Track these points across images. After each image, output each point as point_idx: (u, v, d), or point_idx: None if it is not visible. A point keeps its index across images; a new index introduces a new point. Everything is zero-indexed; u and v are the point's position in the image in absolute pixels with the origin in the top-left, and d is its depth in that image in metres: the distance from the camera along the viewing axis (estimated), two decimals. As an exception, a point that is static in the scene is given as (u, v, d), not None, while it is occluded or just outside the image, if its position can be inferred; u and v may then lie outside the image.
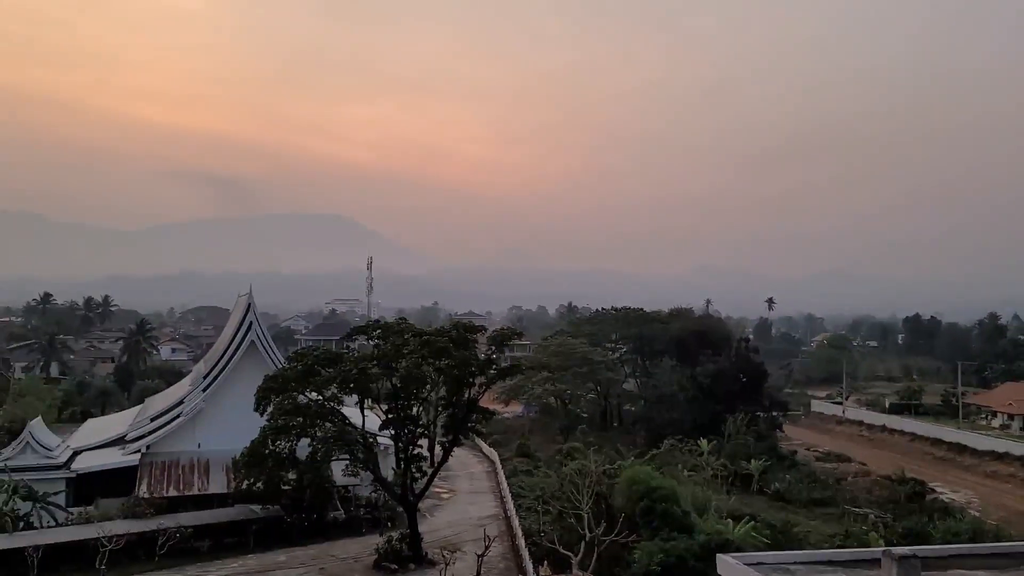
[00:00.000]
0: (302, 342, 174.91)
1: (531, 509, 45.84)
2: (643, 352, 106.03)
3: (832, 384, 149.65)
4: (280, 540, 44.51)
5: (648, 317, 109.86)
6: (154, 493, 46.61)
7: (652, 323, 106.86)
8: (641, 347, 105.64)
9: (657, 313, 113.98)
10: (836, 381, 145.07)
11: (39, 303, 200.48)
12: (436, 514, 51.52)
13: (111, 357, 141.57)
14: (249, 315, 53.98)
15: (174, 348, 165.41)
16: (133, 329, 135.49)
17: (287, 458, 41.13)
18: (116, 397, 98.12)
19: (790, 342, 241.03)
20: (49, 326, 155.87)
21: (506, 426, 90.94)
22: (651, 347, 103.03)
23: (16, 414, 67.95)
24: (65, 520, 44.85)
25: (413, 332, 43.97)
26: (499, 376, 45.97)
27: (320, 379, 41.20)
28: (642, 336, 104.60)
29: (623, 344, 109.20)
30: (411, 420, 42.63)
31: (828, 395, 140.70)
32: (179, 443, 51.11)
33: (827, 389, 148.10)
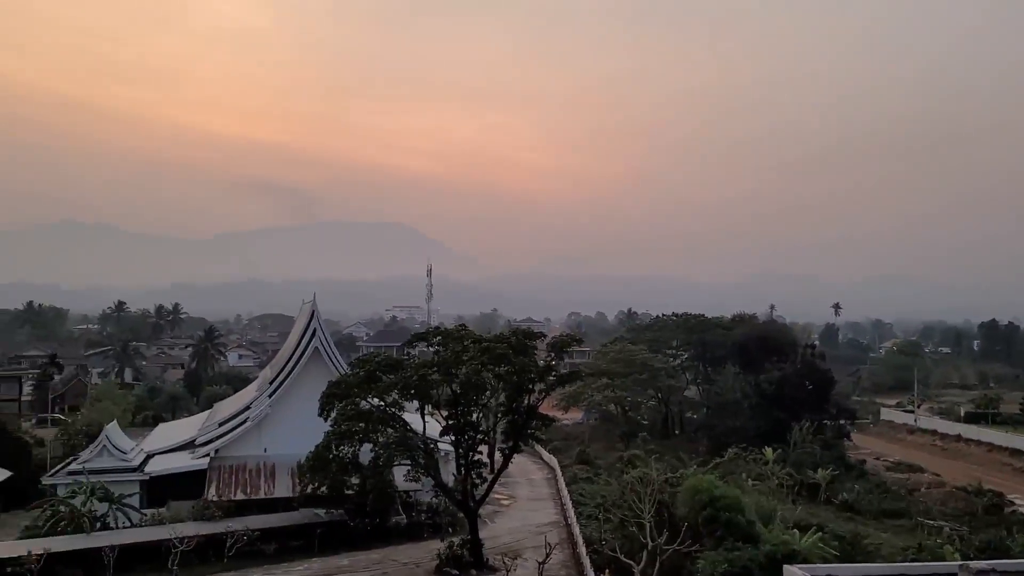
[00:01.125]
0: (364, 348, 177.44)
1: (592, 517, 45.51)
2: (705, 359, 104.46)
3: (902, 392, 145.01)
4: (344, 544, 45.14)
5: (710, 323, 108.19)
6: (222, 496, 47.77)
7: (714, 329, 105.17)
8: (703, 353, 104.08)
9: (719, 319, 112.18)
10: (907, 388, 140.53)
11: (114, 311, 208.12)
12: (497, 520, 51.59)
13: (181, 363, 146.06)
14: (313, 322, 54.97)
15: (241, 354, 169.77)
16: (202, 336, 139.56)
17: (350, 463, 41.68)
18: (186, 402, 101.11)
19: (858, 348, 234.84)
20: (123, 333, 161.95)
21: (565, 433, 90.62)
22: (713, 354, 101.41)
23: (93, 418, 70.49)
24: (139, 521, 46.31)
25: (473, 339, 44.14)
26: (558, 383, 45.79)
27: (382, 385, 41.69)
28: (704, 342, 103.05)
29: (684, 350, 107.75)
30: (471, 426, 42.79)
31: (898, 403, 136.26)
32: (246, 447, 52.31)
33: (897, 397, 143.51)
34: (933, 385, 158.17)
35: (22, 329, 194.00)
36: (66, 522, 43.44)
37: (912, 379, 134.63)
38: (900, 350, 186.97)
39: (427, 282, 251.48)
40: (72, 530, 43.01)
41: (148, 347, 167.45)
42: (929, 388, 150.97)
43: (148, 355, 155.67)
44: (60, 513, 44.05)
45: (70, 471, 49.99)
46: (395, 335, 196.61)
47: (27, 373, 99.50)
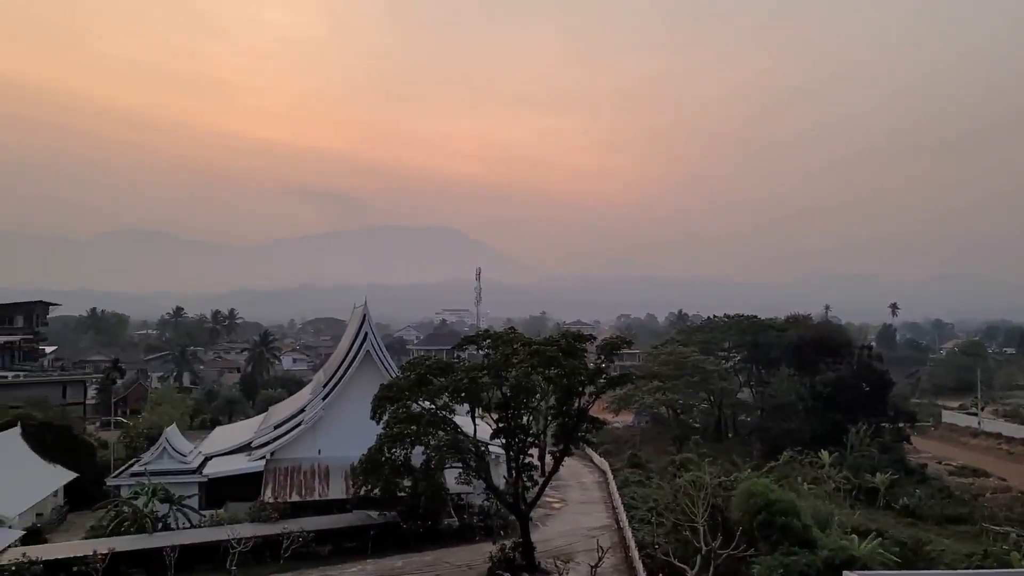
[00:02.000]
0: (414, 352, 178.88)
1: (644, 521, 45.14)
2: (758, 361, 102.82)
3: (965, 394, 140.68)
4: (397, 546, 45.53)
5: (762, 324, 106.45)
6: (278, 498, 48.60)
7: (767, 331, 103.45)
8: (756, 355, 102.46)
9: (772, 320, 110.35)
10: (969, 390, 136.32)
11: (172, 317, 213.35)
12: (548, 523, 51.50)
13: (237, 367, 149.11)
14: (364, 326, 55.65)
15: (295, 358, 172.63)
16: (257, 340, 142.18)
17: (402, 465, 42.03)
18: (242, 405, 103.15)
19: (917, 349, 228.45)
20: (181, 338, 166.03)
21: (616, 436, 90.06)
22: (766, 355, 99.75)
23: (154, 421, 72.40)
24: (198, 522, 47.40)
25: (522, 342, 44.13)
26: (609, 385, 45.51)
27: (432, 388, 41.97)
28: (757, 344, 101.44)
29: (736, 352, 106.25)
30: (521, 429, 42.79)
31: (961, 405, 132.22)
32: (301, 450, 53.17)
33: (959, 399, 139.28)
34: (997, 387, 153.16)
35: (86, 335, 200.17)
36: (129, 522, 44.67)
37: (975, 381, 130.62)
38: (962, 351, 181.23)
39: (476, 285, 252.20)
40: (135, 530, 44.20)
41: (205, 352, 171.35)
42: (993, 390, 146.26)
43: (205, 359, 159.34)
44: (123, 514, 45.32)
45: (132, 473, 51.41)
46: (445, 338, 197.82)
47: (91, 377, 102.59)
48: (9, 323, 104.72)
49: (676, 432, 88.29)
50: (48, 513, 52.43)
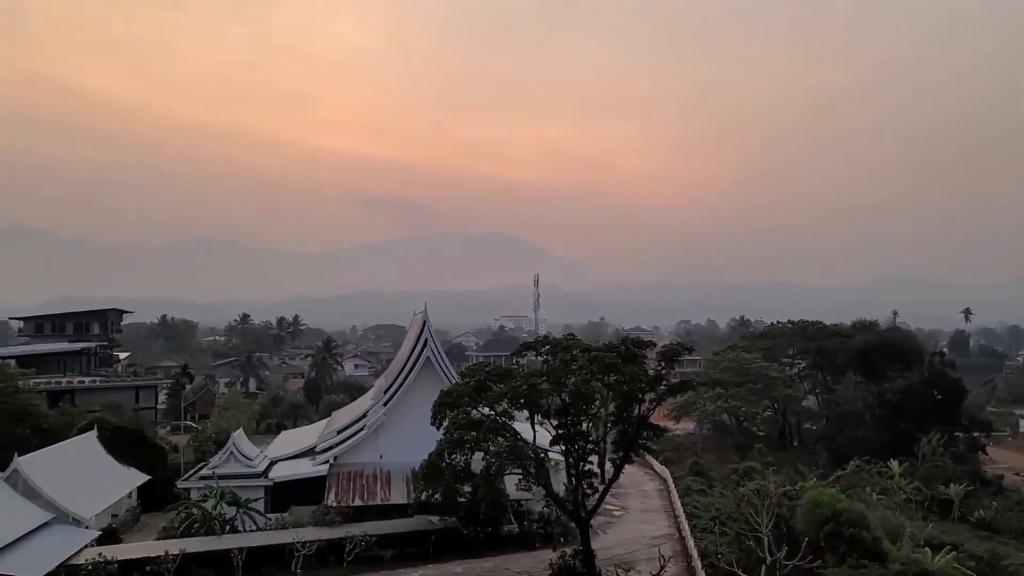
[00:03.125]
0: (473, 358, 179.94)
1: (707, 530, 44.51)
2: (823, 368, 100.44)
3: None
4: (457, 551, 45.78)
5: (828, 330, 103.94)
6: (341, 502, 49.38)
7: (833, 337, 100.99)
8: (821, 362, 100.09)
9: (837, 326, 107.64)
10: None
11: (239, 323, 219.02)
12: (608, 531, 51.13)
13: (301, 373, 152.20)
14: (424, 332, 56.22)
15: (357, 364, 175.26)
16: (320, 347, 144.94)
17: (462, 471, 42.20)
18: (306, 410, 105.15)
19: (992, 356, 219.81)
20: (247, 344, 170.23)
21: (677, 443, 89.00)
22: (832, 362, 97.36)
23: (221, 426, 74.28)
24: (264, 525, 48.46)
25: (581, 348, 43.96)
26: (669, 392, 45.02)
27: (492, 394, 42.08)
28: (822, 351, 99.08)
29: (801, 359, 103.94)
30: (581, 436, 42.57)
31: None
32: (363, 454, 53.95)
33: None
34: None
35: (157, 341, 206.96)
36: (199, 524, 45.94)
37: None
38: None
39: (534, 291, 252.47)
40: (204, 532, 45.43)
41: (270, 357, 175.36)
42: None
43: (271, 365, 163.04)
44: (193, 516, 46.64)
45: (201, 476, 52.88)
46: (504, 344, 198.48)
47: (162, 382, 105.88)
48: (86, 330, 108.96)
49: (739, 440, 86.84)
50: (123, 514, 54.25)
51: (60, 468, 49.80)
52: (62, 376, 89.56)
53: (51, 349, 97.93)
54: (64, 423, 64.10)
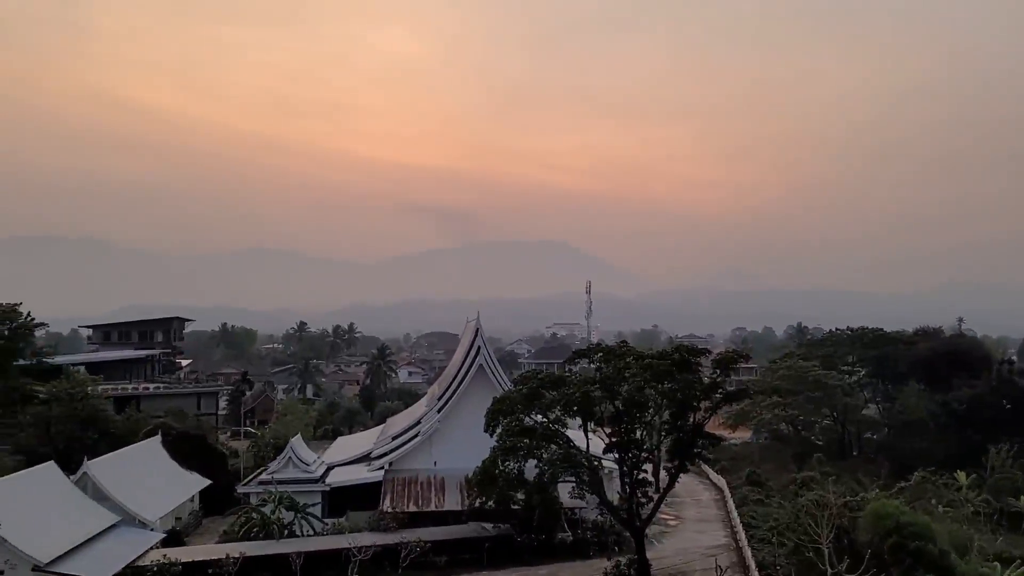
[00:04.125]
0: (525, 365, 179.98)
1: (764, 540, 43.77)
2: (884, 376, 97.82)
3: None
4: (511, 559, 45.84)
5: (889, 338, 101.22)
6: (396, 508, 49.89)
7: (894, 344, 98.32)
8: (882, 370, 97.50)
9: (899, 333, 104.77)
10: None
11: (296, 331, 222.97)
12: (663, 541, 50.62)
13: (356, 380, 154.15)
14: (477, 339, 56.53)
15: (410, 371, 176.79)
16: (375, 354, 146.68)
17: (516, 478, 42.32)
18: (361, 416, 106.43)
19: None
20: (304, 352, 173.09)
21: (734, 453, 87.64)
22: (894, 370, 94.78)
23: (280, 431, 75.72)
24: (321, 530, 49.24)
25: (634, 355, 43.74)
26: (725, 400, 44.52)
27: (545, 402, 42.16)
28: (883, 358, 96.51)
29: (861, 367, 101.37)
30: (635, 444, 42.31)
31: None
32: (417, 461, 54.42)
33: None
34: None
35: (218, 348, 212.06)
36: (258, 528, 46.91)
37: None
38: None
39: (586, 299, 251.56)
40: (263, 536, 46.38)
41: (327, 364, 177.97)
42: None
43: (327, 372, 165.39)
44: (253, 520, 47.64)
45: (260, 481, 54.01)
46: (556, 352, 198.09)
47: (223, 389, 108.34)
48: (150, 338, 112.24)
49: (797, 449, 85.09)
50: (186, 517, 55.68)
51: (126, 472, 51.38)
52: (128, 382, 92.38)
53: (118, 356, 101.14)
54: (130, 428, 66.16)
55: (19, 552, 36.67)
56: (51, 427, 61.85)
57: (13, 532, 36.84)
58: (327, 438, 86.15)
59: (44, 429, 61.61)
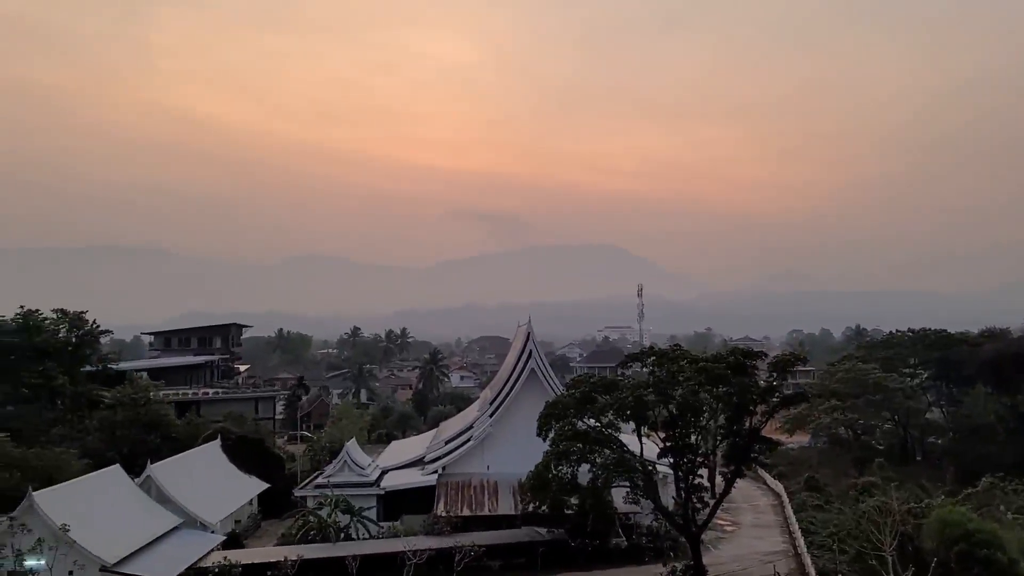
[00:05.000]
0: (577, 369, 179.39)
1: (824, 547, 42.87)
2: (948, 378, 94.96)
3: None
4: (565, 563, 45.64)
5: (953, 339, 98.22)
6: (450, 512, 50.13)
7: (959, 346, 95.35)
8: (946, 373, 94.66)
9: (964, 334, 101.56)
10: None
11: (349, 336, 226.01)
12: (720, 547, 49.89)
13: (409, 384, 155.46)
14: (529, 344, 56.54)
15: (462, 375, 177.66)
16: (427, 358, 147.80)
17: (569, 483, 42.20)
18: (414, 421, 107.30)
19: None
20: (358, 357, 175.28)
21: (791, 457, 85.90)
22: (958, 373, 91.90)
23: (335, 435, 76.72)
24: (376, 533, 49.75)
25: (688, 359, 43.32)
26: (782, 404, 43.80)
27: (597, 406, 41.94)
28: (947, 360, 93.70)
29: (923, 369, 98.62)
30: (690, 448, 41.84)
31: None
32: (470, 465, 54.64)
33: None
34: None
35: (274, 354, 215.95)
36: (315, 531, 47.61)
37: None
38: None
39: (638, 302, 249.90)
40: (320, 539, 47.06)
41: (380, 369, 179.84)
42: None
43: (380, 377, 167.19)
44: (310, 523, 48.37)
45: (317, 484, 54.79)
46: (608, 355, 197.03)
47: (280, 394, 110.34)
48: (209, 344, 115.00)
49: (856, 454, 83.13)
50: (245, 520, 56.76)
51: (188, 475, 52.65)
52: (188, 388, 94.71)
53: (178, 362, 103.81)
54: (190, 432, 67.73)
55: (88, 553, 37.84)
56: (116, 431, 63.63)
57: (81, 533, 38.03)
58: (381, 442, 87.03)
59: (110, 433, 63.44)
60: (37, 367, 69.56)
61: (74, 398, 71.63)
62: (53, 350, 71.71)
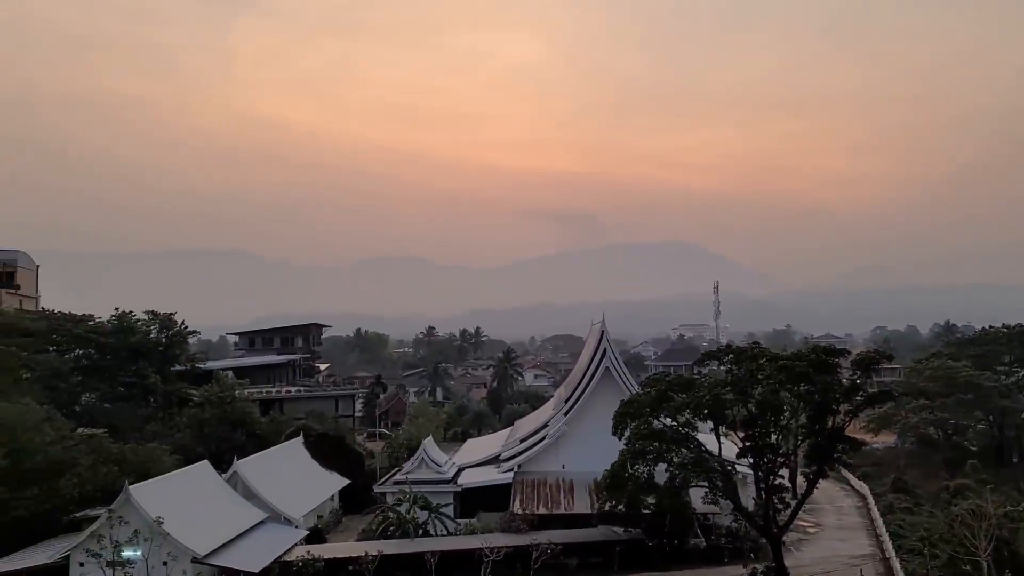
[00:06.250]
0: (652, 368, 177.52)
1: (913, 551, 41.41)
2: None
3: None
4: (642, 563, 45.33)
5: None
6: (526, 509, 50.34)
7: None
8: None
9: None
10: None
11: (425, 336, 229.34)
12: (802, 548, 48.72)
13: (483, 383, 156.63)
14: (603, 342, 56.28)
15: (536, 374, 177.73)
16: (501, 357, 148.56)
17: (646, 482, 41.88)
18: (489, 419, 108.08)
19: None
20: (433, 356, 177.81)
21: (877, 458, 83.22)
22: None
23: (412, 433, 78.03)
24: (454, 530, 50.35)
25: (768, 356, 42.46)
26: (866, 403, 42.67)
27: (674, 404, 41.50)
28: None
29: (1019, 367, 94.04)
30: (770, 448, 41.00)
31: None
32: (545, 463, 54.72)
33: None
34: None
35: (352, 353, 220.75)
36: (394, 527, 48.50)
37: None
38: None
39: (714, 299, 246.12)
40: (399, 535, 47.90)
41: (455, 368, 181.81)
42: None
43: (455, 375, 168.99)
44: (389, 519, 49.31)
45: (395, 481, 55.81)
46: (683, 354, 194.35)
47: (358, 392, 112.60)
48: (291, 344, 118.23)
49: (947, 455, 79.87)
50: (327, 515, 58.26)
51: (272, 471, 54.35)
52: (271, 386, 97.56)
53: (262, 361, 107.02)
54: (274, 429, 69.90)
55: (180, 545, 39.48)
56: (204, 428, 66.14)
57: (174, 526, 39.70)
58: (456, 440, 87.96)
59: (198, 430, 65.98)
60: (131, 366, 72.99)
61: (165, 396, 74.79)
62: (146, 350, 75.06)
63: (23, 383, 60.75)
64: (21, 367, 63.12)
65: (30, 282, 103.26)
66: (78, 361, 72.86)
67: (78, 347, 74.01)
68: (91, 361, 73.03)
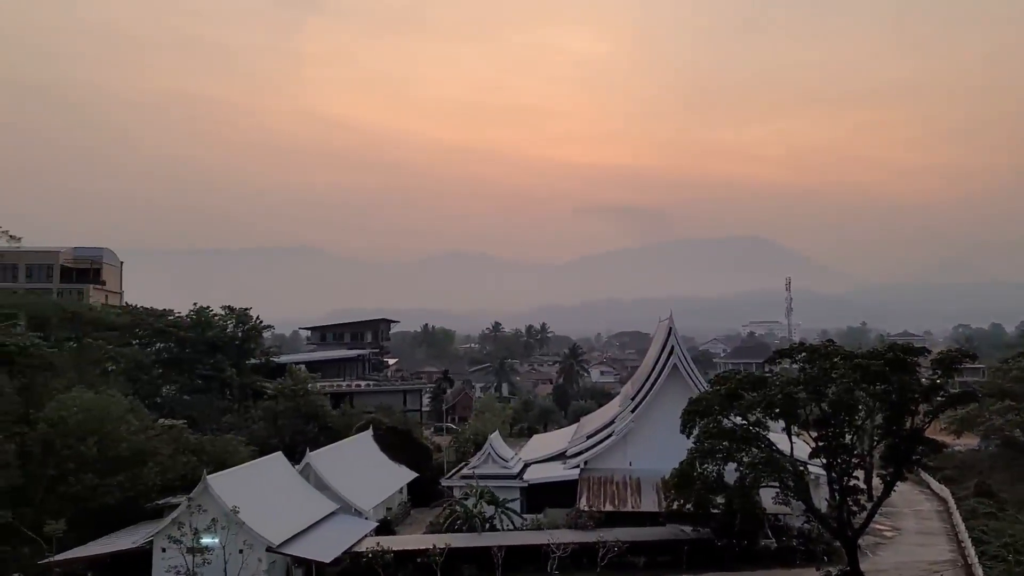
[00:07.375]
0: (721, 365, 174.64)
1: (999, 558, 39.80)
2: None
3: None
4: (711, 563, 44.74)
5: None
6: (592, 506, 50.22)
7: None
8: None
9: None
10: None
11: (491, 331, 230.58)
12: (879, 553, 47.33)
13: (549, 379, 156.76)
14: (671, 339, 55.68)
15: (602, 371, 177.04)
16: (567, 353, 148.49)
17: (715, 481, 41.32)
18: (555, 415, 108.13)
19: None
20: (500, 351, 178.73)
21: (959, 461, 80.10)
22: None
23: (478, 428, 78.52)
24: (520, 525, 50.55)
25: (842, 355, 41.47)
26: (947, 404, 41.29)
27: (744, 403, 40.80)
28: None
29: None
30: (844, 449, 39.98)
31: None
32: (612, 460, 54.50)
33: None
34: None
35: (420, 348, 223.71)
36: (461, 521, 48.98)
37: None
38: None
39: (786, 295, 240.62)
40: (466, 529, 48.35)
41: (521, 364, 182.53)
42: None
43: (521, 371, 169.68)
44: (456, 513, 49.83)
45: (463, 475, 56.37)
46: (753, 351, 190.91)
47: (426, 387, 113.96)
48: (360, 339, 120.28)
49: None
50: (396, 508, 59.18)
51: (343, 463, 55.50)
52: (342, 380, 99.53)
53: (333, 356, 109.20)
54: (344, 422, 71.29)
55: (256, 534, 40.65)
56: (278, 420, 67.97)
57: (250, 515, 40.90)
58: (522, 436, 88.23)
59: (272, 422, 67.83)
60: (209, 360, 75.45)
61: (241, 389, 77.10)
62: (222, 344, 77.48)
63: (109, 375, 63.50)
64: (107, 360, 65.91)
65: (115, 278, 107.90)
66: (159, 354, 75.74)
67: (159, 341, 77.02)
68: (171, 354, 75.84)
